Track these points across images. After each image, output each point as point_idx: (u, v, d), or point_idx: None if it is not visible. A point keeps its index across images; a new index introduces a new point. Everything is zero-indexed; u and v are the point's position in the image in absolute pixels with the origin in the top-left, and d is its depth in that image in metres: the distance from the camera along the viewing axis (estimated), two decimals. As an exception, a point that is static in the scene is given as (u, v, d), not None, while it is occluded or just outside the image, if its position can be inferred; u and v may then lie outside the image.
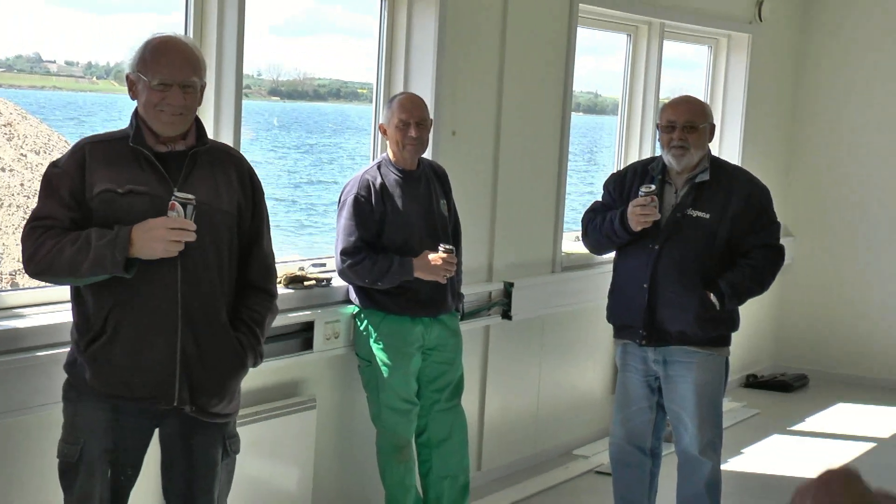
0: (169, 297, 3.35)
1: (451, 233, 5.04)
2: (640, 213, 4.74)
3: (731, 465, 6.38)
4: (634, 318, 4.83)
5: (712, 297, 4.68)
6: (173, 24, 4.56)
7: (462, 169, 5.52)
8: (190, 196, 3.29)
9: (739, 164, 7.17)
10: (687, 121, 4.79)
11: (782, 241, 4.96)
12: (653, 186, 4.77)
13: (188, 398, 3.39)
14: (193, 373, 3.38)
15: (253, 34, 4.66)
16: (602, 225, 4.91)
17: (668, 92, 7.14)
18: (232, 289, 3.52)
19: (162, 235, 3.25)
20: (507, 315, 5.95)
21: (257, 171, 3.68)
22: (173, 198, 3.28)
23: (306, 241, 18.50)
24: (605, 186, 5.10)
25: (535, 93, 6.03)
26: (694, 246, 4.72)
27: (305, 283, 4.95)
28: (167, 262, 3.31)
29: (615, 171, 5.22)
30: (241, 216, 3.52)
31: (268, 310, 3.63)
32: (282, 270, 5.06)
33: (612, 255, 5.11)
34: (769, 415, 7.84)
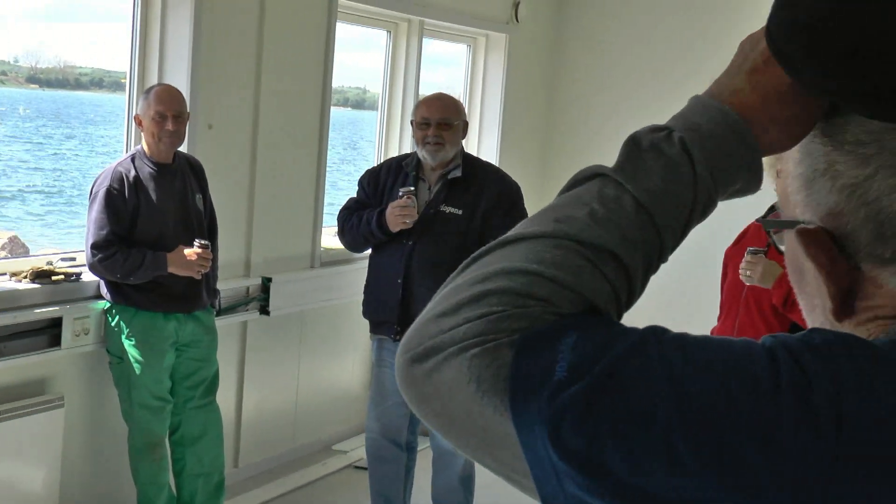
0: None
1: (206, 227, 4.98)
2: (398, 213, 4.79)
3: (486, 456, 6.50)
4: (389, 313, 4.87)
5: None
6: None
7: (219, 163, 5.44)
8: None
9: (497, 162, 7.32)
10: (441, 117, 4.87)
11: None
12: (412, 188, 4.84)
13: None
14: None
15: (8, 18, 4.48)
16: (359, 225, 4.94)
17: (432, 88, 7.22)
18: None
19: None
20: (265, 311, 5.91)
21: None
22: None
23: (59, 233, 17.93)
24: (360, 183, 5.12)
25: (294, 87, 6.01)
26: (447, 242, 4.79)
27: (53, 277, 4.81)
28: None
29: (369, 168, 5.25)
30: None
31: None
32: (28, 264, 4.91)
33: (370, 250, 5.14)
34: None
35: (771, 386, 0.84)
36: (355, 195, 5.15)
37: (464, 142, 5.09)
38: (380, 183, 5.01)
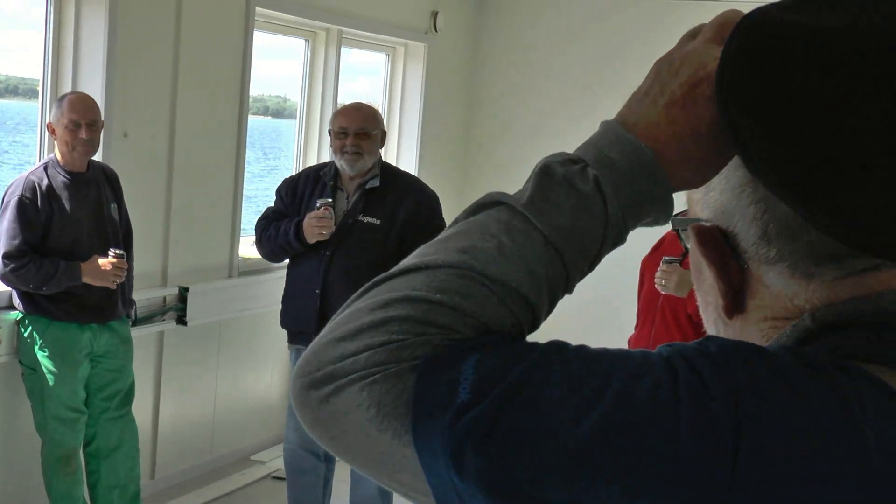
0: None
1: (122, 237, 4.93)
2: (315, 224, 4.78)
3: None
4: (307, 323, 4.85)
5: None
6: None
7: (134, 172, 5.38)
8: None
9: (416, 172, 7.33)
10: (360, 127, 4.87)
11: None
12: (330, 199, 4.83)
13: None
14: None
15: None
16: (276, 236, 4.92)
17: (351, 97, 7.20)
18: None
19: None
20: (182, 321, 5.85)
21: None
22: None
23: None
24: (278, 192, 5.11)
25: (211, 95, 5.96)
26: (365, 252, 4.79)
27: (-36, 288, 4.73)
28: None
29: (287, 177, 5.23)
30: None
31: None
32: (-62, 275, 4.82)
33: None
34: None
35: (670, 395, 0.85)
36: (273, 204, 5.13)
37: (382, 151, 5.09)
38: (297, 192, 5.00)
